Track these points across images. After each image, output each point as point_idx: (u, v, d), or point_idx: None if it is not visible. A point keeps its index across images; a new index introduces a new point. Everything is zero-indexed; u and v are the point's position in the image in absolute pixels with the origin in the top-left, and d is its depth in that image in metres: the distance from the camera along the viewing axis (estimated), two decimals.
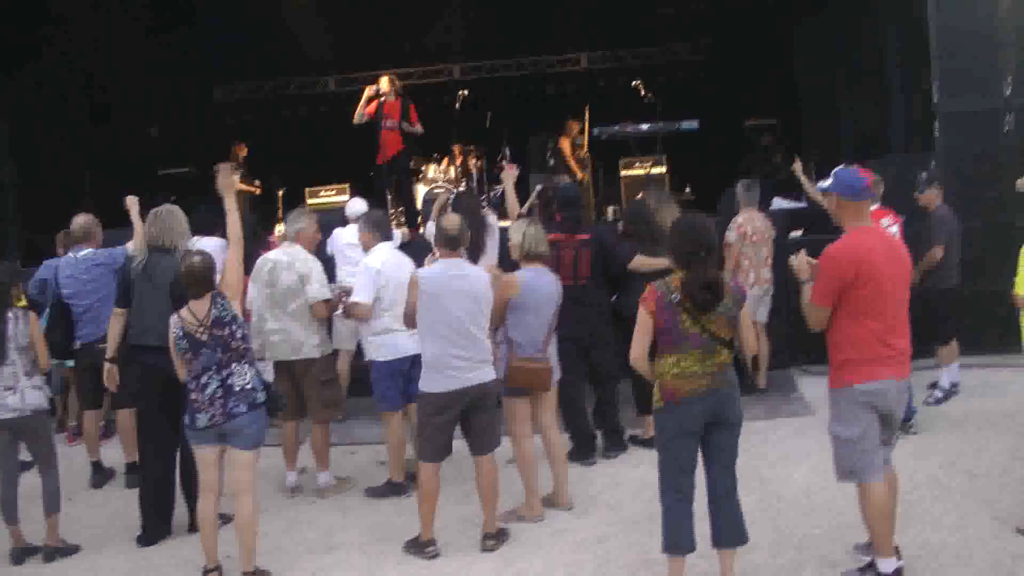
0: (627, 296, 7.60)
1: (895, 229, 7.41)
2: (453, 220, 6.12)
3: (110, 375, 6.94)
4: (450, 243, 6.02)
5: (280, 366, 7.20)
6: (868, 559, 5.21)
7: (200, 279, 5.63)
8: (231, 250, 5.97)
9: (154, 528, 6.58)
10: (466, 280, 5.95)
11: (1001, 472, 6.72)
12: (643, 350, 5.06)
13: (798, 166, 9.71)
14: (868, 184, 5.12)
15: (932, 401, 8.23)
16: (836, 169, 5.20)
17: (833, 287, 4.93)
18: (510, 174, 8.60)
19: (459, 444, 6.16)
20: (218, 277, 5.83)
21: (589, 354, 7.55)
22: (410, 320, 6.03)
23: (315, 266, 7.19)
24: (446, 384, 5.83)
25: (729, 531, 5.10)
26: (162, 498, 6.63)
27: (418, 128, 12.23)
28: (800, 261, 5.12)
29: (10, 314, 6.32)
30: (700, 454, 5.10)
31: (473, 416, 5.98)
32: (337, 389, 7.66)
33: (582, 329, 7.36)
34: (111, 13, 13.80)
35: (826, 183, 5.17)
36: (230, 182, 6.10)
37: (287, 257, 7.13)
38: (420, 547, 6.01)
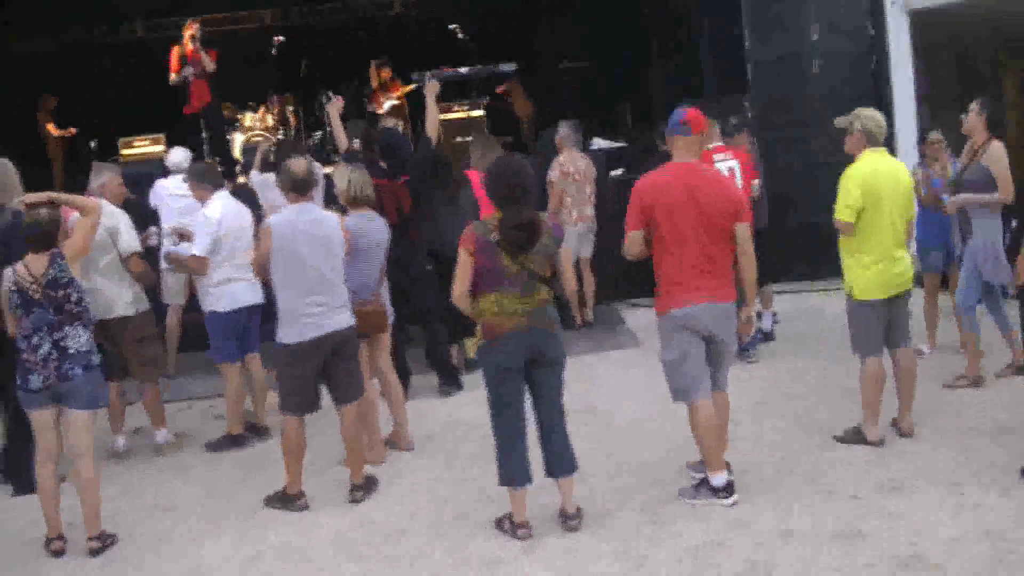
0: (443, 235, 7.72)
1: (732, 163, 7.66)
2: (301, 163, 5.97)
3: None
4: (299, 187, 5.86)
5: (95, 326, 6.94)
6: (701, 475, 5.52)
7: (44, 234, 5.42)
8: (88, 216, 5.73)
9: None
10: (318, 225, 5.83)
11: (815, 391, 7.19)
12: (464, 289, 5.16)
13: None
14: (684, 119, 5.35)
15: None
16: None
17: (635, 213, 5.27)
18: (336, 106, 8.41)
19: None
20: None
21: (408, 295, 7.56)
22: (262, 270, 5.89)
23: (123, 218, 6.94)
24: (304, 332, 5.70)
25: (559, 461, 5.29)
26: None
27: (210, 64, 12.02)
28: None
29: None
30: (527, 390, 5.27)
31: (335, 364, 5.88)
32: (157, 346, 7.37)
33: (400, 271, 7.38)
34: None
35: None
36: None
37: None
38: (289, 500, 5.90)
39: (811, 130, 10.06)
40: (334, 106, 8.33)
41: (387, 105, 13.43)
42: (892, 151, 6.94)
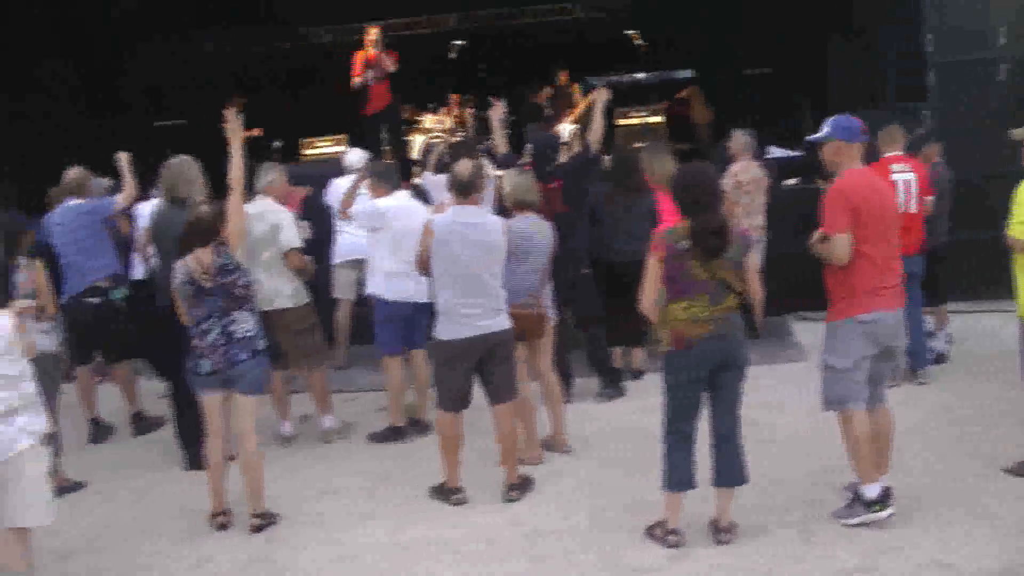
0: (609, 240, 7.77)
1: (910, 176, 7.48)
2: (466, 165, 6.06)
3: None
4: (463, 189, 5.96)
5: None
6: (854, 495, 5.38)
7: (209, 228, 5.68)
8: (233, 197, 5.87)
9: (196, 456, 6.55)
10: (478, 228, 5.88)
11: (986, 418, 6.87)
12: (652, 297, 5.15)
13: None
14: (864, 128, 5.30)
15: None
16: (831, 119, 5.37)
17: (843, 215, 5.11)
18: (496, 110, 8.40)
19: None
20: None
21: (565, 297, 7.44)
22: (422, 265, 6.02)
23: (286, 216, 7.20)
24: (459, 332, 5.83)
25: (730, 472, 5.24)
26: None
27: (392, 65, 12.31)
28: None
29: (19, 261, 6.40)
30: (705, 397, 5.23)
31: (489, 365, 5.97)
32: (314, 337, 7.43)
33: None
34: None
35: (821, 133, 5.36)
36: (237, 126, 5.98)
37: (257, 208, 7.02)
38: (446, 494, 6.07)
39: (996, 139, 9.59)
40: (495, 110, 8.40)
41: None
42: None
